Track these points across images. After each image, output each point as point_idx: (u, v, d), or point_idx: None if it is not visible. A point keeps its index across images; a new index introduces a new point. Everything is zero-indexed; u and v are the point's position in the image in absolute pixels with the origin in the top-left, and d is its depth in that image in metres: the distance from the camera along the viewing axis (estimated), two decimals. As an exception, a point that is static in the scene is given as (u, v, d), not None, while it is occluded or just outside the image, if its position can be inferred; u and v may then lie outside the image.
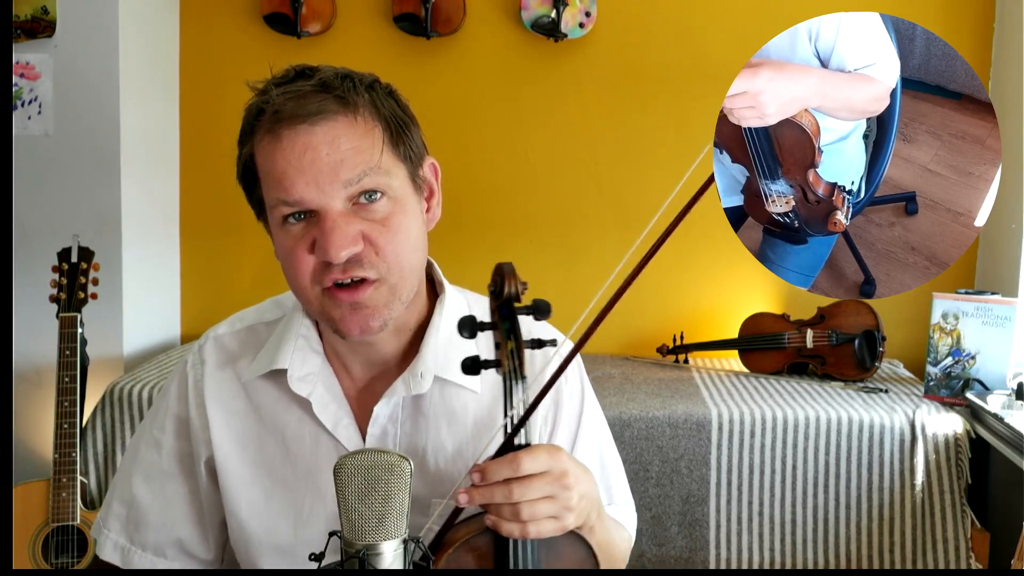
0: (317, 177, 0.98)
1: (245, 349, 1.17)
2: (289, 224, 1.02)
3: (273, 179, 1.01)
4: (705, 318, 3.04)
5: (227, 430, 1.14)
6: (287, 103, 0.99)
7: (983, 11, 2.92)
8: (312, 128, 0.99)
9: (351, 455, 0.84)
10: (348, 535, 0.83)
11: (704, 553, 2.36)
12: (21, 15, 2.71)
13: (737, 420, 2.34)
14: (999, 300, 2.46)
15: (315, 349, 1.13)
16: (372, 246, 1.01)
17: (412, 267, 1.05)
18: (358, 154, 1.00)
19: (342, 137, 0.99)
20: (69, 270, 2.36)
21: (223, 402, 1.15)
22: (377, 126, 1.03)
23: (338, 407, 1.12)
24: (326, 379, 1.12)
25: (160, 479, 1.18)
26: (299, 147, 0.98)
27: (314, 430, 1.12)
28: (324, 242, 0.98)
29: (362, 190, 1.00)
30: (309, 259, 1.01)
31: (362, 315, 1.02)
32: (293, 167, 0.98)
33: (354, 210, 1.01)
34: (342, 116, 1.00)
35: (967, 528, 2.29)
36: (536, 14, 2.94)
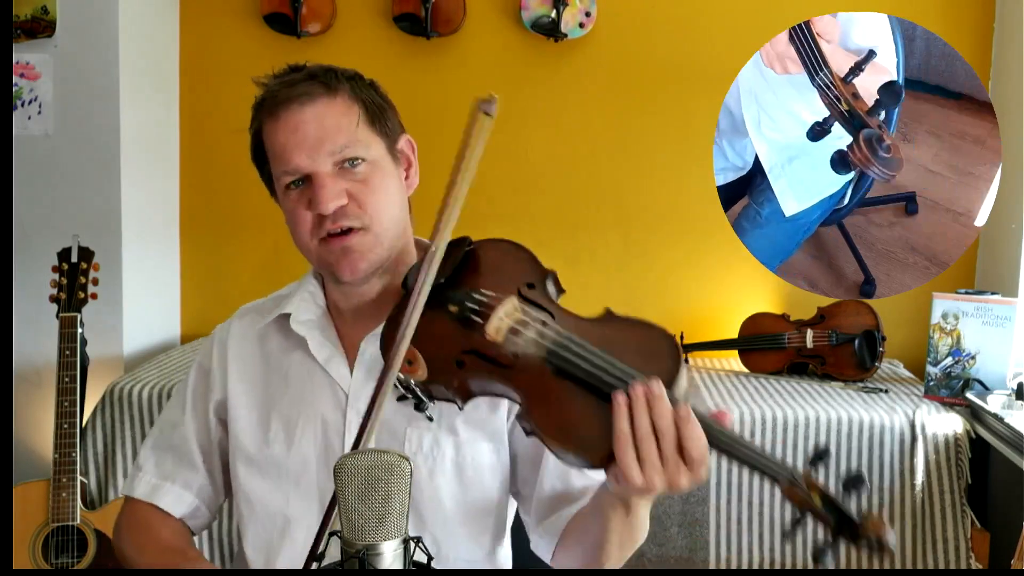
0: (307, 148, 1.20)
1: (266, 309, 1.37)
2: (291, 190, 1.23)
3: (275, 153, 1.23)
4: (705, 318, 3.04)
5: (239, 374, 1.33)
6: (282, 89, 1.23)
7: (983, 11, 2.92)
8: (302, 108, 1.21)
9: (351, 455, 0.84)
10: (348, 535, 0.83)
11: (704, 553, 2.36)
12: (21, 15, 2.71)
13: (737, 420, 2.34)
14: (999, 300, 2.46)
15: (318, 303, 1.33)
16: (355, 200, 1.21)
17: (392, 219, 1.25)
18: (339, 129, 1.21)
19: (325, 115, 1.22)
20: (69, 270, 2.35)
21: (240, 350, 1.35)
22: (354, 106, 1.24)
23: (332, 347, 1.29)
24: (323, 325, 1.31)
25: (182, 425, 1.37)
26: (292, 124, 1.21)
27: (311, 367, 1.29)
28: (316, 197, 1.19)
29: (344, 158, 1.21)
30: (307, 215, 1.21)
31: (351, 259, 1.22)
32: (290, 141, 1.21)
33: (340, 173, 1.21)
34: (325, 98, 1.23)
35: (967, 528, 2.29)
36: (536, 14, 2.94)
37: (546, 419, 1.02)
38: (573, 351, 1.03)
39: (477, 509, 1.25)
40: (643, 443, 0.96)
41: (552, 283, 1.16)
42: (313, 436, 1.26)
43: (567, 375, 1.03)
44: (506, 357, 1.07)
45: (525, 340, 1.07)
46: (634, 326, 1.08)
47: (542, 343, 1.06)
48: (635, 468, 0.96)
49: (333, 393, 1.27)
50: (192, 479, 1.35)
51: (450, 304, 1.12)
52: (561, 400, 1.02)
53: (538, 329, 1.07)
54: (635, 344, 1.05)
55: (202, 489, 1.36)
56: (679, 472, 0.97)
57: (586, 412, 1.01)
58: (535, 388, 1.04)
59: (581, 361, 1.02)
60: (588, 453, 1.00)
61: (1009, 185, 2.55)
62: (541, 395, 1.03)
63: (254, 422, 1.30)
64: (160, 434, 1.39)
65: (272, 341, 1.33)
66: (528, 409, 1.03)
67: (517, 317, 1.09)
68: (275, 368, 1.32)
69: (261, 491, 1.28)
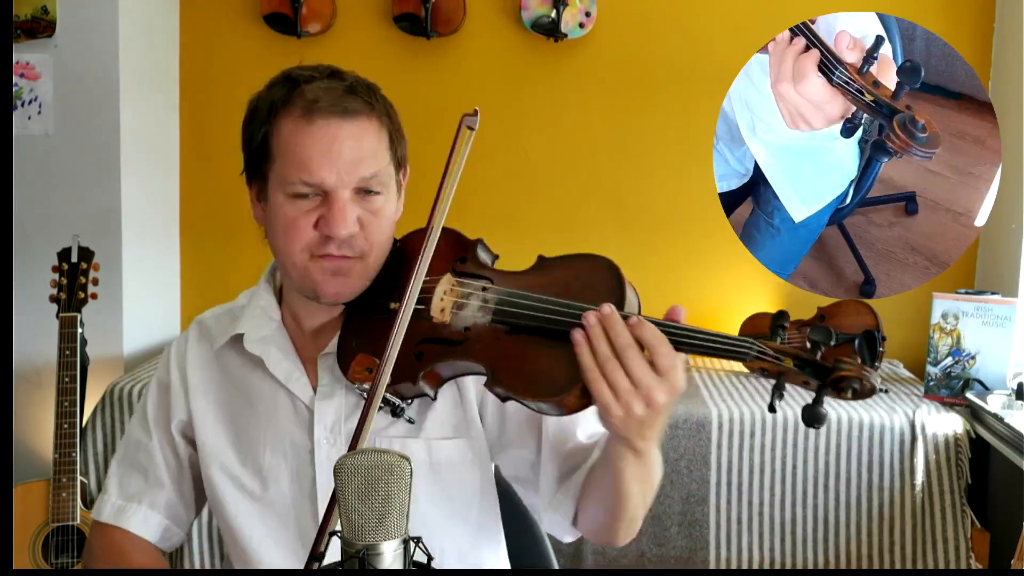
0: (340, 166, 1.13)
1: (220, 328, 1.31)
2: (297, 199, 1.15)
3: (297, 159, 1.13)
4: (705, 318, 3.04)
5: (203, 395, 1.28)
6: (325, 95, 1.13)
7: (983, 11, 2.92)
8: (342, 122, 1.13)
9: (351, 455, 0.84)
10: (348, 535, 0.83)
11: (704, 553, 2.36)
12: (21, 15, 2.71)
13: (737, 420, 2.35)
14: (999, 300, 2.46)
15: (271, 316, 1.28)
16: (364, 230, 1.16)
17: (384, 250, 1.21)
18: (374, 155, 1.16)
19: (365, 137, 1.15)
20: (69, 270, 2.36)
21: (200, 371, 1.29)
22: (387, 135, 1.19)
23: (291, 364, 1.24)
24: (279, 341, 1.26)
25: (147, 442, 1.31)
26: (330, 136, 1.13)
27: (272, 386, 1.24)
28: (333, 220, 1.13)
29: (368, 187, 1.15)
30: (310, 232, 1.15)
31: (340, 281, 1.17)
32: (322, 152, 1.12)
33: (356, 199, 1.15)
34: (367, 118, 1.15)
35: (967, 528, 2.29)
36: (536, 14, 2.94)
37: (512, 377, 1.03)
38: (518, 304, 1.04)
39: (456, 504, 1.23)
40: (607, 368, 0.96)
41: (483, 250, 1.19)
42: (283, 456, 1.22)
43: (520, 329, 1.04)
44: (459, 333, 1.08)
45: (471, 310, 1.08)
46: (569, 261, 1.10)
47: (487, 307, 1.07)
48: (610, 398, 0.96)
49: (296, 411, 1.23)
50: (159, 497, 1.29)
51: (390, 302, 1.14)
52: (522, 354, 1.03)
53: (480, 295, 1.09)
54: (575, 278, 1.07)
55: (170, 506, 1.30)
56: (654, 387, 0.96)
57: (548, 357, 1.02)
58: (494, 352, 1.05)
59: (528, 311, 1.03)
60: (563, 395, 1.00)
61: (1009, 185, 2.56)
62: (501, 356, 1.04)
63: (223, 443, 1.26)
64: (124, 454, 1.33)
65: (230, 360, 1.28)
66: (494, 374, 1.04)
67: (457, 292, 1.11)
68: (237, 387, 1.27)
69: (235, 510, 1.24)
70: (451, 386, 1.20)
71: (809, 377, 0.96)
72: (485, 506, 1.27)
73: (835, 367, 0.95)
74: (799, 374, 0.97)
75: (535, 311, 1.03)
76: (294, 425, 1.22)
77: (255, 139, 1.18)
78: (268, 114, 1.16)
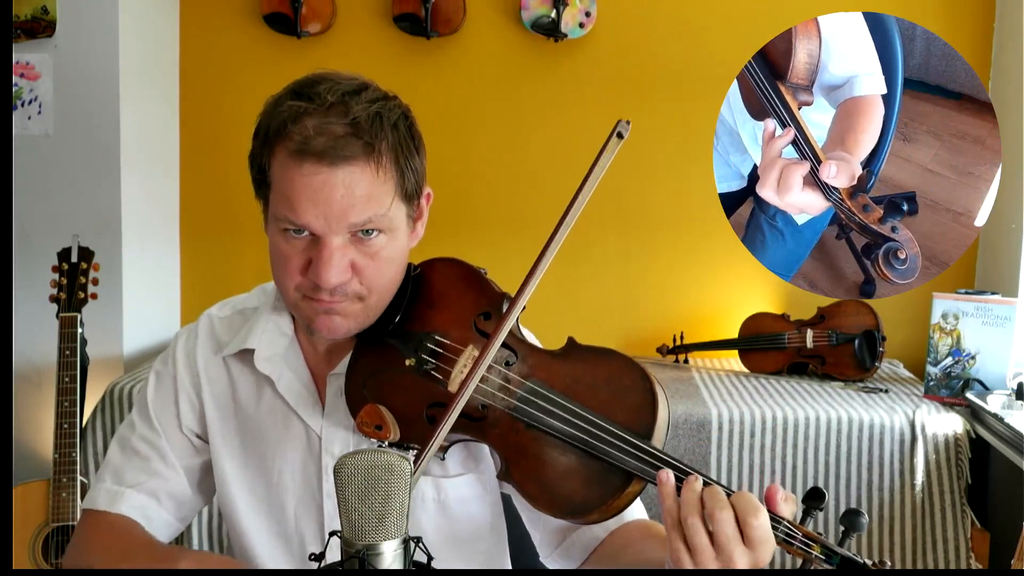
0: (327, 213, 1.04)
1: (230, 332, 1.26)
2: (289, 235, 1.08)
3: (285, 197, 1.06)
4: (705, 318, 3.04)
5: (214, 405, 1.23)
6: (317, 138, 1.03)
7: (983, 11, 2.92)
8: (333, 169, 1.04)
9: (351, 455, 0.84)
10: (348, 535, 0.83)
11: (704, 553, 2.36)
12: (21, 15, 2.71)
13: (737, 420, 2.34)
14: (999, 300, 2.46)
15: (284, 331, 1.22)
16: (359, 275, 1.09)
17: (389, 289, 1.13)
18: (369, 201, 1.06)
19: (359, 183, 1.05)
20: (69, 270, 2.36)
21: (212, 378, 1.24)
22: (393, 176, 1.08)
23: (301, 386, 1.19)
24: (291, 359, 1.21)
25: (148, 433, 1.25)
26: (318, 182, 1.04)
27: (282, 408, 1.20)
28: (319, 269, 1.06)
29: (363, 229, 1.07)
30: (299, 275, 1.09)
31: (334, 321, 1.10)
32: (307, 197, 1.04)
33: (352, 242, 1.08)
34: (363, 163, 1.05)
35: (967, 528, 2.29)
36: (536, 14, 2.94)
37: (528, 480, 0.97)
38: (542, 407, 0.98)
39: (467, 540, 1.20)
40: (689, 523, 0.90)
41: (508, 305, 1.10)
42: (292, 481, 1.19)
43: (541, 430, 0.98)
44: (475, 410, 1.02)
45: (492, 387, 1.02)
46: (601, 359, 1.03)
47: (508, 398, 1.01)
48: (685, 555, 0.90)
49: (306, 436, 1.19)
50: (159, 487, 1.22)
51: (406, 358, 1.07)
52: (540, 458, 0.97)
53: (503, 374, 1.02)
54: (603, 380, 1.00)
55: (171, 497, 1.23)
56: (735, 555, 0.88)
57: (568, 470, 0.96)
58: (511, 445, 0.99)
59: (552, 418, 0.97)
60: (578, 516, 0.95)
61: (1009, 185, 2.56)
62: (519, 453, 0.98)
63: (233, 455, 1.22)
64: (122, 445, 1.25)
65: (240, 371, 1.23)
66: (508, 468, 0.99)
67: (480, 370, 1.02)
68: (245, 402, 1.22)
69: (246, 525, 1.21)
70: None
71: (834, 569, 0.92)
72: (494, 538, 1.24)
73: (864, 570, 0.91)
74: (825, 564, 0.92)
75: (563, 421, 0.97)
76: (303, 450, 1.19)
77: (254, 164, 1.12)
78: (263, 143, 1.09)
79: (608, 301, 3.04)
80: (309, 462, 1.18)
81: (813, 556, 0.91)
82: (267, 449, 1.20)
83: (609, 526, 1.14)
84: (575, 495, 0.96)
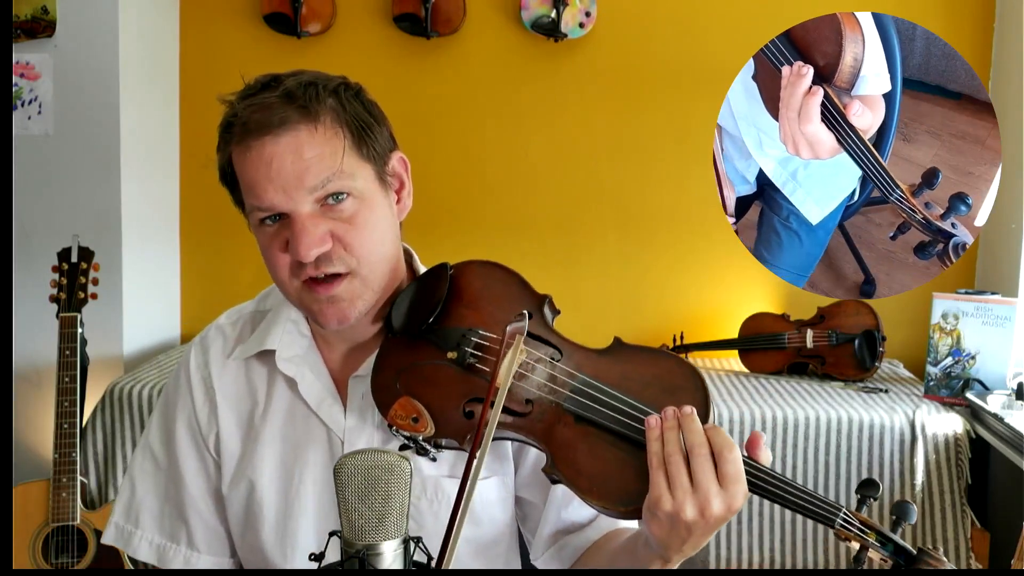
0: (284, 184, 1.06)
1: (244, 335, 1.25)
2: (265, 226, 1.10)
3: (247, 186, 1.09)
4: (705, 318, 3.04)
5: (229, 410, 1.21)
6: (253, 115, 1.07)
7: (983, 11, 2.92)
8: (276, 139, 1.06)
9: (351, 455, 0.84)
10: (348, 535, 0.83)
11: (704, 553, 2.36)
12: (21, 15, 2.71)
13: (737, 420, 2.34)
14: (999, 300, 2.46)
15: (303, 332, 1.20)
16: (340, 243, 1.08)
17: (381, 258, 1.12)
18: (321, 161, 1.06)
19: (304, 146, 1.06)
20: (69, 270, 2.36)
21: (225, 384, 1.22)
22: (339, 132, 1.09)
23: (322, 387, 1.18)
24: (312, 360, 1.19)
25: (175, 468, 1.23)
26: (266, 157, 1.06)
27: (303, 408, 1.18)
28: (295, 243, 1.06)
29: (327, 193, 1.07)
30: (284, 257, 1.09)
31: (338, 307, 1.10)
32: (262, 175, 1.06)
33: (322, 211, 1.08)
34: (304, 125, 1.07)
35: (967, 528, 2.29)
36: (536, 14, 2.94)
37: (578, 473, 0.96)
38: (595, 398, 0.97)
39: (487, 542, 1.19)
40: (671, 460, 0.92)
41: (549, 309, 1.10)
42: (313, 484, 1.17)
43: (590, 423, 0.97)
44: (519, 404, 1.00)
45: (536, 384, 1.00)
46: (650, 357, 1.02)
47: (559, 389, 0.99)
48: (665, 490, 0.91)
49: (328, 439, 1.17)
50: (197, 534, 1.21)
51: (448, 351, 1.05)
52: (592, 451, 0.96)
53: (548, 371, 1.01)
54: (654, 378, 1.00)
55: (209, 540, 1.22)
56: (712, 494, 0.91)
57: (621, 463, 0.95)
58: (559, 438, 0.97)
59: (607, 409, 0.96)
60: (629, 506, 0.94)
61: (1009, 185, 2.56)
62: (567, 446, 0.97)
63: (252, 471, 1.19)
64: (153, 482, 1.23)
65: (256, 373, 1.21)
66: (554, 462, 0.97)
67: (522, 359, 1.01)
68: (263, 405, 1.20)
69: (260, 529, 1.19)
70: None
71: (889, 556, 0.93)
72: (511, 539, 1.23)
73: (918, 558, 0.92)
74: (879, 550, 0.94)
75: (613, 410, 0.96)
76: (324, 452, 1.17)
77: (222, 171, 1.14)
78: (219, 148, 1.13)
79: (608, 301, 3.04)
80: (330, 466, 1.14)
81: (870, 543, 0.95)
82: (288, 453, 1.18)
83: (603, 527, 1.15)
84: (629, 485, 0.95)
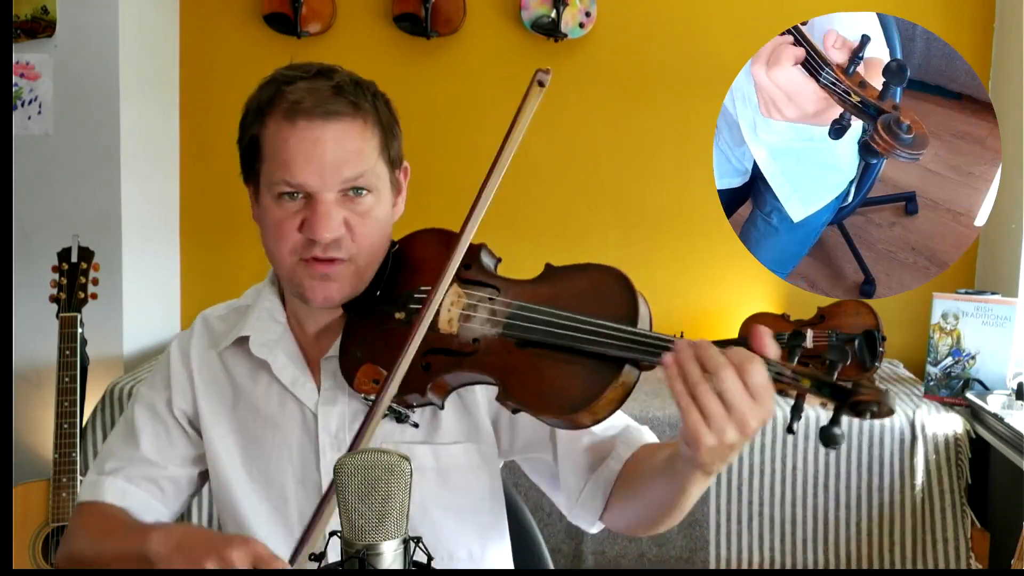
0: (321, 168, 1.12)
1: (225, 328, 1.31)
2: (284, 200, 1.15)
3: (280, 160, 1.14)
4: (705, 318, 3.04)
5: (207, 395, 1.28)
6: (307, 96, 1.13)
7: (983, 11, 2.92)
8: (325, 124, 1.12)
9: (351, 455, 0.84)
10: (348, 535, 0.83)
11: (704, 553, 2.36)
12: (21, 15, 2.71)
13: (737, 420, 2.34)
14: (999, 300, 2.46)
15: (277, 319, 1.27)
16: (351, 232, 1.15)
17: (377, 251, 1.19)
18: (359, 155, 1.14)
19: (348, 139, 1.14)
20: (69, 270, 2.35)
21: (206, 370, 1.29)
22: (376, 133, 1.17)
23: (296, 368, 1.24)
24: (286, 344, 1.25)
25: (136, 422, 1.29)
26: (311, 138, 1.12)
27: (279, 390, 1.24)
28: (315, 223, 1.12)
29: (353, 185, 1.14)
30: (295, 235, 1.14)
31: (328, 287, 1.16)
32: (302, 155, 1.12)
33: (342, 200, 1.15)
34: (351, 119, 1.14)
35: (967, 528, 2.29)
36: (536, 14, 2.94)
37: (525, 392, 1.01)
38: (529, 318, 1.03)
39: (466, 509, 1.23)
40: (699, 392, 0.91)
41: (486, 255, 1.17)
42: (289, 460, 1.23)
43: (532, 343, 1.02)
44: (467, 344, 1.07)
45: (480, 322, 1.07)
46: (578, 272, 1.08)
47: (498, 320, 1.05)
48: (702, 426, 0.90)
49: (302, 416, 1.23)
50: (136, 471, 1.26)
51: (395, 312, 1.13)
52: (535, 369, 1.02)
53: (488, 307, 1.07)
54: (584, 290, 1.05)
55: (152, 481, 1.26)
56: (747, 410, 0.91)
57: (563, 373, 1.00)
58: (505, 366, 1.03)
59: (540, 325, 1.01)
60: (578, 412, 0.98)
61: (1009, 185, 2.56)
62: (512, 371, 1.03)
63: (229, 444, 1.25)
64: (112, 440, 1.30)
65: (235, 361, 1.28)
66: (505, 388, 1.03)
67: (463, 302, 1.09)
68: (243, 390, 1.27)
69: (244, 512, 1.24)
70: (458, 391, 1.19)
71: (827, 399, 0.94)
72: (494, 509, 1.27)
73: (854, 390, 0.93)
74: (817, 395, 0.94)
75: (545, 324, 1.01)
76: (300, 430, 1.22)
77: (245, 140, 1.19)
78: (256, 115, 1.17)
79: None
80: (306, 441, 1.22)
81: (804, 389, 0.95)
82: (265, 432, 1.24)
83: (622, 456, 1.17)
84: (574, 390, 0.99)
